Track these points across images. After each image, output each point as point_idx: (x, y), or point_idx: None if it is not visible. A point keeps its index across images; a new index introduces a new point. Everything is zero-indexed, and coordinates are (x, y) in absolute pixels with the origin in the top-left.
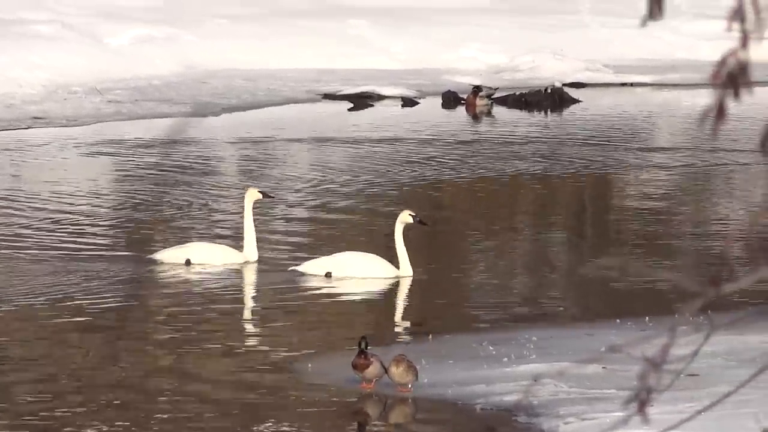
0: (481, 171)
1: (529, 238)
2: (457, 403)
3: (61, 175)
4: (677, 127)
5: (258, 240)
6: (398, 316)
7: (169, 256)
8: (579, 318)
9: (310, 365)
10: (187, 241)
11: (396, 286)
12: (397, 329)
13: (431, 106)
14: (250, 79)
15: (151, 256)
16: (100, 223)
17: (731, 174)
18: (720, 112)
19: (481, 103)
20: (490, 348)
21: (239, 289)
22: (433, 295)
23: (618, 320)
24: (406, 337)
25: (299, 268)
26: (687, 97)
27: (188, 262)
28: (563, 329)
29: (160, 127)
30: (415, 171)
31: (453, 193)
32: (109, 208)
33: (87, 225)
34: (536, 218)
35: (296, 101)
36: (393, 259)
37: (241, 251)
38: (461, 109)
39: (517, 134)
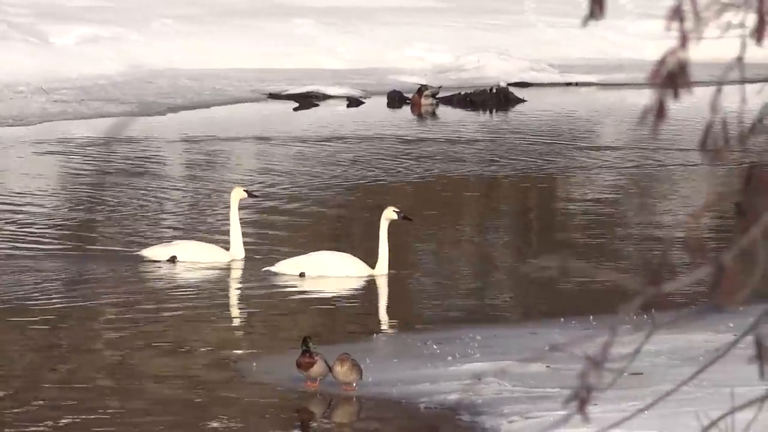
0: (426, 171)
1: (474, 238)
2: (402, 402)
3: (6, 176)
4: (622, 127)
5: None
6: (345, 315)
7: (155, 254)
8: (523, 317)
9: (254, 364)
10: (129, 239)
11: (366, 285)
12: (342, 328)
13: (376, 105)
14: (196, 78)
15: (137, 252)
16: (46, 221)
17: (674, 174)
18: (660, 111)
19: (426, 102)
20: (435, 347)
21: (206, 287)
22: (377, 295)
23: (562, 319)
24: (351, 336)
25: (273, 269)
26: (632, 96)
27: (173, 260)
28: (507, 328)
29: (105, 126)
30: (360, 171)
31: (397, 193)
32: (53, 206)
33: (32, 223)
34: (481, 218)
35: (241, 101)
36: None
37: (227, 249)
38: (406, 109)
39: (462, 134)
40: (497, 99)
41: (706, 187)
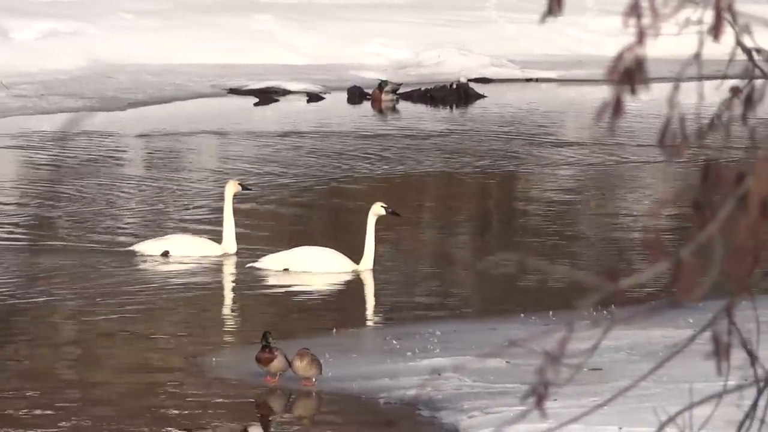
0: (387, 166)
1: (434, 233)
2: (361, 397)
3: None
4: (581, 123)
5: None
6: (307, 310)
7: (147, 248)
8: (483, 313)
9: (214, 359)
10: (90, 234)
11: (339, 281)
12: (302, 323)
13: (337, 101)
14: (156, 73)
15: (130, 247)
16: (4, 215)
17: (633, 170)
18: (617, 107)
19: (386, 98)
20: (394, 342)
21: (180, 281)
22: (337, 291)
23: (522, 315)
24: (311, 331)
25: (257, 264)
26: (592, 93)
27: (166, 254)
28: (467, 324)
29: (65, 121)
30: (321, 166)
31: (358, 187)
32: (12, 200)
33: None
34: (441, 214)
35: (202, 96)
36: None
37: (219, 243)
38: (367, 105)
39: (422, 130)
40: (457, 95)
41: (663, 184)
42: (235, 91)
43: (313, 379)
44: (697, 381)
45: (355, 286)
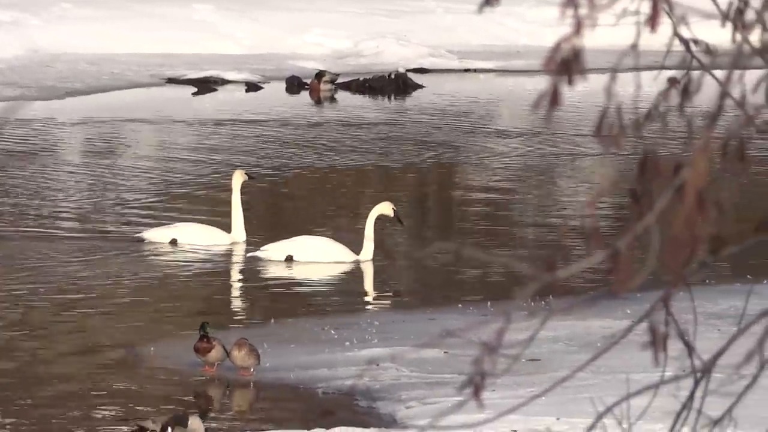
0: (324, 156)
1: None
2: (299, 387)
3: None
4: (520, 113)
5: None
6: (246, 299)
7: (156, 236)
8: (421, 303)
9: (152, 349)
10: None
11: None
12: (239, 313)
13: (275, 90)
14: (94, 63)
15: (137, 234)
16: None
17: (570, 160)
18: (554, 98)
19: (324, 88)
20: (332, 332)
21: (145, 271)
22: (277, 280)
23: (460, 305)
24: (249, 321)
25: (258, 254)
26: (530, 83)
27: (174, 242)
28: (405, 314)
29: (2, 109)
30: (258, 155)
31: (297, 177)
32: None
33: None
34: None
35: (140, 85)
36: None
37: (228, 232)
38: (305, 94)
39: (360, 120)
40: (396, 85)
41: (601, 174)
42: (173, 81)
43: (251, 369)
44: (634, 372)
45: (292, 276)
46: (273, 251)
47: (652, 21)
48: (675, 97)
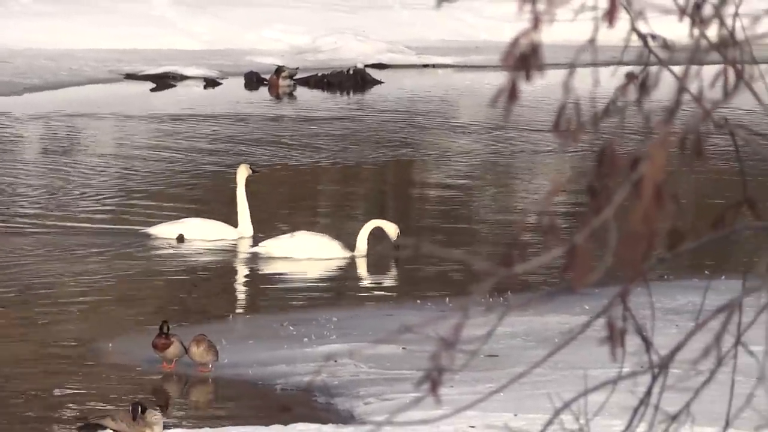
0: (282, 152)
1: (330, 219)
2: (257, 383)
3: None
4: (478, 109)
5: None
6: (204, 295)
7: (163, 231)
8: (379, 299)
9: (110, 345)
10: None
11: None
12: (198, 309)
13: (234, 86)
14: (53, 58)
15: (144, 230)
16: None
17: (529, 155)
18: (512, 93)
19: (283, 84)
20: (291, 328)
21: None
22: (233, 277)
23: (418, 301)
24: (208, 317)
25: (258, 249)
26: (489, 78)
27: (181, 238)
28: (363, 310)
29: None
30: (216, 151)
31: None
32: None
33: None
34: (338, 200)
35: (98, 81)
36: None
37: (235, 227)
38: (264, 90)
39: (319, 115)
40: (354, 80)
41: (559, 169)
42: (131, 77)
43: (210, 365)
44: (592, 367)
45: (252, 272)
46: (272, 248)
47: (610, 16)
48: (633, 92)
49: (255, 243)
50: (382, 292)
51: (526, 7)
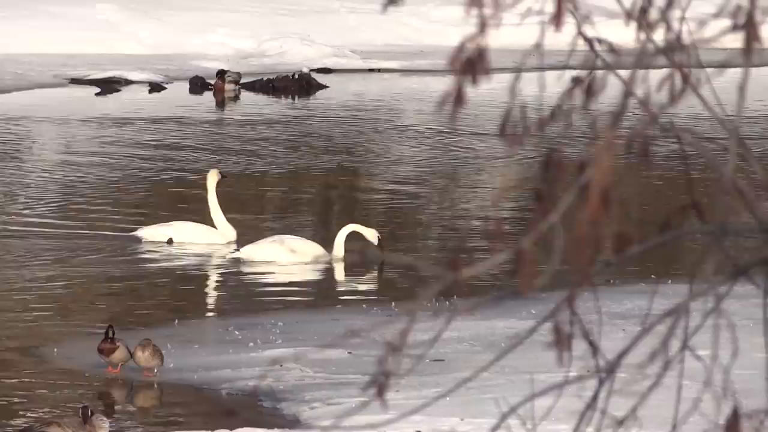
0: (227, 157)
1: (276, 224)
2: (203, 388)
3: None
4: (424, 113)
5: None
6: (151, 300)
7: (152, 234)
8: (325, 304)
9: (56, 350)
10: None
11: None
12: (145, 313)
13: (178, 91)
14: None
15: (133, 233)
16: None
17: (476, 160)
18: (458, 97)
19: (228, 88)
20: (236, 333)
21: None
22: (182, 282)
23: (364, 305)
24: (153, 322)
25: (240, 254)
26: (435, 83)
27: (170, 241)
28: (309, 314)
29: None
30: (162, 157)
31: (201, 182)
32: None
33: None
34: (283, 205)
35: (43, 86)
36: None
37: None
38: (208, 95)
39: (264, 120)
40: (300, 85)
41: (505, 173)
42: (76, 81)
43: (155, 370)
44: (538, 372)
45: (202, 277)
46: (251, 252)
47: (556, 20)
48: (579, 96)
49: (238, 247)
50: (328, 296)
51: (473, 11)
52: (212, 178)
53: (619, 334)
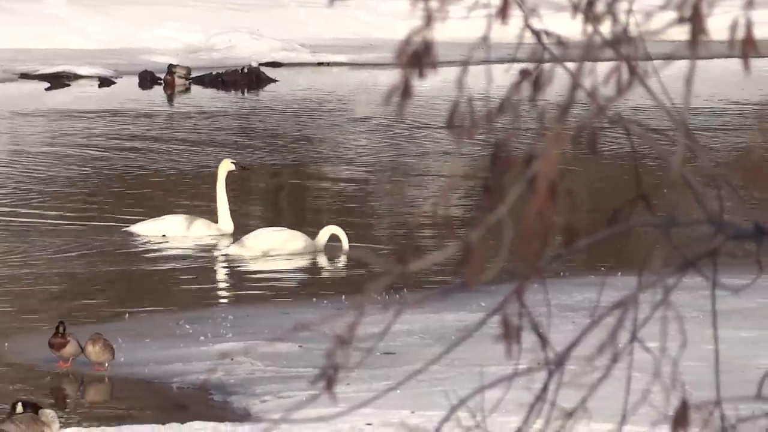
0: (179, 152)
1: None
2: (154, 382)
3: None
4: (372, 106)
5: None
6: (103, 295)
7: (144, 229)
8: (274, 297)
9: (6, 344)
10: None
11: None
12: (94, 308)
13: (128, 85)
14: None
15: (126, 228)
16: None
17: (423, 153)
18: (405, 90)
19: (179, 82)
20: (187, 327)
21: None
22: (133, 277)
23: (314, 299)
24: (104, 316)
25: (230, 251)
26: (383, 76)
27: (163, 236)
28: (259, 308)
29: None
30: (112, 152)
31: (153, 174)
32: None
33: None
34: (233, 199)
35: None
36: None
37: (215, 223)
38: (158, 89)
39: (213, 114)
40: (249, 79)
41: (453, 166)
42: (26, 76)
43: (106, 364)
44: (488, 364)
45: (150, 271)
46: (239, 250)
47: (503, 13)
48: (527, 88)
49: (234, 240)
50: (278, 290)
51: (419, 4)
52: (223, 168)
53: (569, 326)
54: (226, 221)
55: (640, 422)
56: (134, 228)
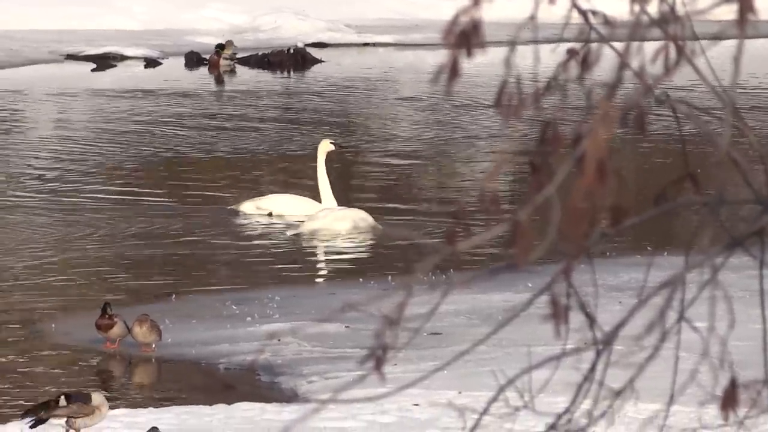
0: (222, 137)
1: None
2: (201, 363)
3: None
4: (419, 86)
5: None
6: (149, 275)
7: (250, 207)
8: (321, 278)
9: (53, 325)
10: None
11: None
12: (141, 289)
13: (174, 66)
14: None
15: (232, 207)
16: None
17: (472, 133)
18: (453, 70)
19: (224, 63)
20: (234, 307)
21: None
22: (178, 257)
23: (361, 279)
24: (151, 297)
25: (301, 230)
26: (430, 57)
27: (270, 214)
28: (306, 289)
29: None
30: (159, 134)
31: (199, 159)
32: None
33: None
34: (278, 180)
35: (38, 62)
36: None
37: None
38: (204, 70)
39: (260, 95)
40: (294, 60)
41: (502, 146)
42: (72, 57)
43: (153, 345)
44: (535, 344)
45: (197, 253)
46: (311, 226)
47: None
48: (574, 68)
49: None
50: (324, 271)
51: None
52: (323, 148)
53: (616, 307)
54: (329, 200)
55: (688, 402)
56: (241, 206)
